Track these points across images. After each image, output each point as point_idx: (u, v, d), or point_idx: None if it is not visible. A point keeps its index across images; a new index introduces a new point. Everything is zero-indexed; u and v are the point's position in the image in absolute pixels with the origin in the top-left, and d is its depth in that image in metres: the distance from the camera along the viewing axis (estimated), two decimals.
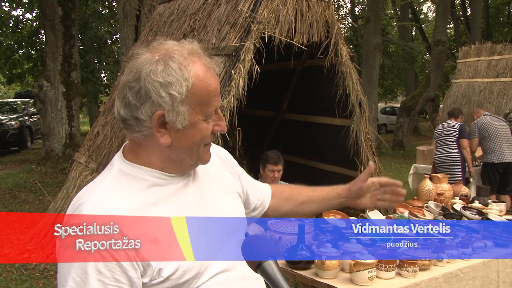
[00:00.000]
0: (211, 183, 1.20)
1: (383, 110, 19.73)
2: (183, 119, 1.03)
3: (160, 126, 1.03)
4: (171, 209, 1.06)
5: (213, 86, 1.07)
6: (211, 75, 1.07)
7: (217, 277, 1.08)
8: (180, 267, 1.02)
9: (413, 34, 25.91)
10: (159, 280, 1.00)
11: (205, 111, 1.06)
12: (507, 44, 9.66)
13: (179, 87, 1.01)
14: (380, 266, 2.29)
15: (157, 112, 1.02)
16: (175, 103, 1.01)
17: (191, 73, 1.03)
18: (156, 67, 1.01)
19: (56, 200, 5.43)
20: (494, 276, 2.69)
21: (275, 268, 1.01)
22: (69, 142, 9.43)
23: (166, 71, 1.01)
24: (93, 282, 0.94)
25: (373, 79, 12.36)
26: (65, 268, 0.97)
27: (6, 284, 4.21)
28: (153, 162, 1.08)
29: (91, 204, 1.00)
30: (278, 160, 3.85)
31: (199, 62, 1.06)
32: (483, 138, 6.08)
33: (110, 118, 5.15)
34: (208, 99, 1.05)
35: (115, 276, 0.96)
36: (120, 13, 9.10)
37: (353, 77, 4.34)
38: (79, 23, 11.85)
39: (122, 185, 1.05)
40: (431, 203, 3.37)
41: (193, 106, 1.03)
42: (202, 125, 1.06)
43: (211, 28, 4.18)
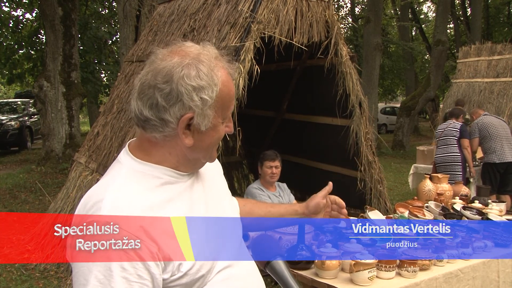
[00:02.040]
0: (210, 183, 1.24)
1: (383, 110, 19.74)
2: (208, 122, 1.07)
3: (186, 128, 1.07)
4: (184, 206, 1.09)
5: (233, 91, 1.13)
6: (231, 80, 1.12)
7: (223, 272, 1.11)
8: (197, 262, 1.04)
9: (413, 34, 25.92)
10: (179, 276, 1.02)
11: (224, 114, 1.11)
12: (507, 44, 9.66)
13: (211, 92, 1.05)
14: (380, 266, 2.29)
15: (186, 114, 1.05)
16: (205, 107, 1.05)
17: (219, 78, 1.07)
18: (189, 71, 1.04)
19: (56, 200, 5.43)
20: (494, 276, 2.69)
21: (283, 266, 1.04)
22: (69, 142, 9.43)
23: (199, 76, 1.04)
24: (118, 279, 0.95)
25: (373, 79, 12.35)
26: (85, 267, 0.97)
27: (6, 284, 4.21)
28: (168, 161, 1.10)
29: (109, 202, 1.01)
30: (275, 156, 3.86)
31: (223, 68, 1.10)
32: (483, 138, 6.08)
33: (110, 118, 5.15)
34: (229, 103, 1.11)
35: (138, 273, 0.97)
36: (120, 13, 9.10)
37: (353, 77, 4.34)
38: (79, 23, 11.86)
39: (135, 183, 1.06)
40: (431, 203, 3.37)
41: (217, 109, 1.08)
42: (221, 127, 1.11)
43: (211, 28, 4.18)
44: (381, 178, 4.58)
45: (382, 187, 4.56)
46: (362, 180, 4.59)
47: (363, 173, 4.55)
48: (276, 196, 3.92)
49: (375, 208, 3.23)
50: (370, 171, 4.53)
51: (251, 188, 3.88)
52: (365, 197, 4.61)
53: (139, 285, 0.97)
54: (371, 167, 4.53)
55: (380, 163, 4.70)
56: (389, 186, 7.90)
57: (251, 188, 3.87)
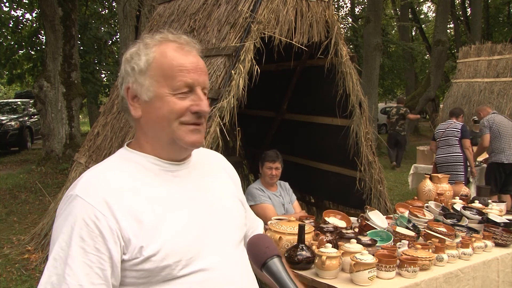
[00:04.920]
0: (214, 184, 1.23)
1: (383, 110, 19.70)
2: (147, 90, 1.11)
3: (132, 99, 1.13)
4: (165, 194, 1.11)
5: (178, 61, 1.11)
6: (182, 54, 1.12)
7: (199, 274, 1.08)
8: (162, 249, 1.04)
9: (413, 34, 25.91)
10: (140, 259, 1.02)
11: (170, 84, 1.10)
12: (507, 44, 9.66)
13: (138, 59, 1.12)
14: (380, 266, 2.29)
15: (126, 85, 1.14)
16: (136, 74, 1.12)
17: (153, 48, 1.12)
18: (130, 50, 1.15)
19: (56, 200, 5.43)
20: (494, 276, 2.69)
21: (280, 267, 1.02)
22: (69, 142, 9.43)
23: (135, 50, 1.14)
24: (76, 248, 0.99)
25: (373, 79, 12.35)
26: (55, 235, 1.03)
27: (6, 284, 4.21)
28: (146, 147, 1.15)
29: (84, 180, 1.08)
30: (276, 158, 3.85)
31: (173, 44, 1.13)
32: (493, 136, 5.96)
33: (110, 118, 5.15)
34: (172, 73, 1.10)
35: (96, 246, 1.00)
36: (120, 14, 9.09)
37: (353, 77, 4.34)
38: (79, 23, 11.86)
39: (118, 167, 1.13)
40: (431, 203, 3.37)
41: (157, 78, 1.10)
42: (170, 98, 1.10)
43: (211, 28, 4.18)
44: (381, 178, 4.58)
45: (382, 187, 4.56)
46: (362, 180, 4.59)
47: (363, 173, 4.55)
48: (277, 196, 3.92)
49: (375, 208, 3.24)
50: (370, 171, 4.53)
51: (251, 188, 3.88)
52: (365, 197, 4.61)
53: (96, 257, 0.99)
54: (371, 167, 4.53)
55: (380, 163, 4.70)
56: (389, 186, 7.90)
57: (252, 188, 3.87)
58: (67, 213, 1.03)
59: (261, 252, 1.04)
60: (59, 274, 0.98)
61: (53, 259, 1.00)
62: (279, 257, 1.03)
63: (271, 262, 1.02)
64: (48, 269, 1.00)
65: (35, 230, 5.35)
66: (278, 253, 1.05)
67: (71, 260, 0.98)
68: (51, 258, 1.01)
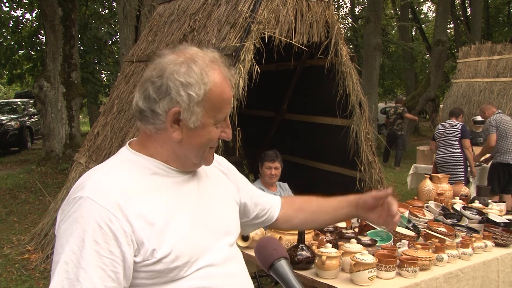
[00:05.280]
0: (210, 186, 1.27)
1: (383, 110, 19.70)
2: (196, 119, 1.11)
3: (174, 122, 1.12)
4: (170, 198, 1.13)
5: (227, 95, 1.16)
6: (227, 84, 1.16)
7: (204, 270, 1.13)
8: (173, 251, 1.07)
9: (413, 34, 25.91)
10: (152, 261, 1.04)
11: (216, 116, 1.14)
12: (507, 44, 9.66)
13: (198, 89, 1.10)
14: (380, 266, 2.29)
15: (173, 108, 1.10)
16: (191, 103, 1.10)
17: (210, 78, 1.11)
18: (180, 68, 1.10)
19: (56, 200, 5.43)
20: (494, 276, 2.69)
21: (287, 268, 1.04)
22: (69, 142, 9.43)
23: (188, 73, 1.10)
24: (89, 251, 0.98)
25: (373, 79, 12.34)
26: (64, 238, 1.01)
27: (6, 284, 4.20)
28: (159, 153, 1.15)
29: (93, 181, 1.07)
30: (275, 157, 3.85)
31: (218, 71, 1.15)
32: (500, 137, 5.91)
33: (110, 118, 5.15)
34: (221, 106, 1.14)
35: (110, 249, 1.00)
36: (120, 14, 9.10)
37: (353, 77, 4.34)
38: (79, 23, 11.85)
39: (124, 169, 1.13)
40: (431, 203, 3.37)
41: (207, 109, 1.12)
42: (212, 128, 1.15)
43: (211, 28, 4.19)
44: (381, 178, 4.58)
45: (382, 187, 4.56)
46: (362, 180, 4.59)
47: (363, 173, 4.55)
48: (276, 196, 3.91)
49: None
50: (370, 171, 4.53)
51: None
52: None
53: (109, 260, 0.99)
54: (371, 167, 4.53)
55: (380, 163, 4.70)
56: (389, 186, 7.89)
57: None
58: (77, 215, 1.01)
59: (268, 254, 1.08)
60: (71, 279, 0.97)
61: (64, 263, 0.98)
62: (286, 259, 1.07)
63: (278, 264, 1.05)
64: (59, 274, 0.98)
65: (35, 230, 5.35)
66: (286, 255, 1.08)
67: (85, 263, 0.98)
68: (61, 261, 0.99)
